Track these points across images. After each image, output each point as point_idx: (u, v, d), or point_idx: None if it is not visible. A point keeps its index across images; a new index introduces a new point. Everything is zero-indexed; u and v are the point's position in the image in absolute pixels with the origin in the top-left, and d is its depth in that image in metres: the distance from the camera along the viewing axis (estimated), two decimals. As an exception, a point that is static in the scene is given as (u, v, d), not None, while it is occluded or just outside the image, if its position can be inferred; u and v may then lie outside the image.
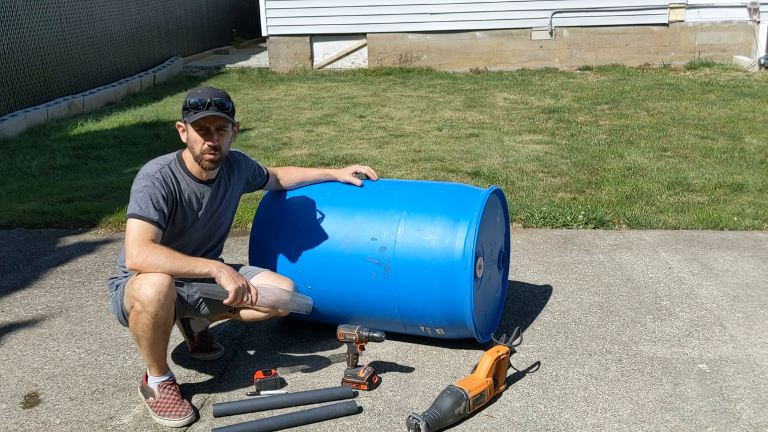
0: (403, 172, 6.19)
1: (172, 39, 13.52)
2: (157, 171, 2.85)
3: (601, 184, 5.78)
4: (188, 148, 2.94)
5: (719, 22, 11.99)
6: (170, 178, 2.87)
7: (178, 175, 2.92)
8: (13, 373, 3.22)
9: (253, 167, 3.27)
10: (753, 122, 7.80)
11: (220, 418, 2.84)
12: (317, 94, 10.42)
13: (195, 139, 2.88)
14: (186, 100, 2.87)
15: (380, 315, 3.25)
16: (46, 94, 9.25)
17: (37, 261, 4.54)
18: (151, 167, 2.88)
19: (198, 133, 2.86)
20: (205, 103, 2.83)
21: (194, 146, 2.89)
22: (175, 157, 2.96)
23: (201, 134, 2.86)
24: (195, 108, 2.84)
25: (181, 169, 2.94)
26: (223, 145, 2.92)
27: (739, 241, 4.65)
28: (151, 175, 2.83)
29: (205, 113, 2.83)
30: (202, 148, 2.88)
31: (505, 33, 12.34)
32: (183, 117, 2.90)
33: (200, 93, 2.87)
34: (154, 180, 2.81)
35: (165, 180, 2.85)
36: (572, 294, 3.93)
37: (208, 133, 2.87)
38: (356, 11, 12.33)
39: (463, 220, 3.11)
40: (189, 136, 2.90)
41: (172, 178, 2.88)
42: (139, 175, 2.85)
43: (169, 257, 2.69)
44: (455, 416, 2.74)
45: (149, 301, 2.65)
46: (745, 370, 3.12)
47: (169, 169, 2.90)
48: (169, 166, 2.91)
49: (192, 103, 2.84)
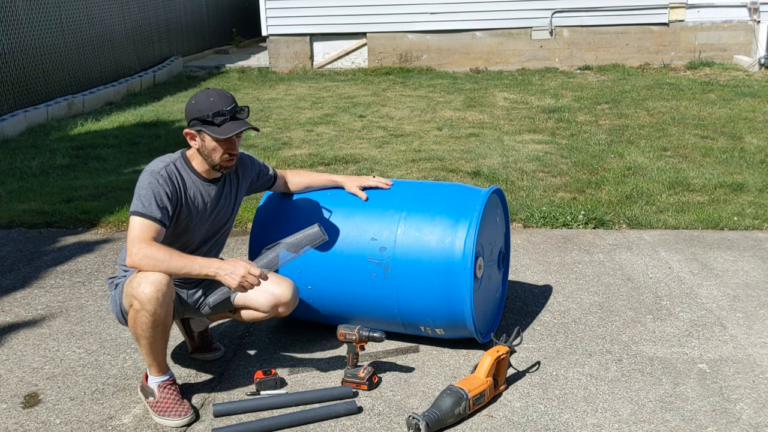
0: (403, 172, 6.19)
1: (172, 39, 13.52)
2: (162, 168, 2.83)
3: (601, 184, 5.78)
4: (200, 154, 2.89)
5: (719, 22, 11.99)
6: (175, 175, 2.85)
7: (184, 173, 2.89)
8: (13, 373, 3.22)
9: (258, 168, 3.25)
10: (753, 122, 7.80)
11: (220, 418, 2.84)
12: (317, 93, 10.42)
13: (214, 148, 2.84)
14: (202, 110, 2.80)
15: (380, 315, 3.25)
16: (46, 93, 9.25)
17: (37, 261, 4.54)
18: (156, 164, 2.85)
19: (219, 143, 2.83)
20: (227, 112, 2.80)
21: (212, 155, 2.85)
22: (180, 156, 2.94)
23: (223, 143, 2.83)
24: (218, 117, 2.79)
25: (187, 168, 2.92)
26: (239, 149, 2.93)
27: (739, 240, 4.65)
28: (156, 173, 2.80)
29: (236, 128, 2.79)
30: (223, 157, 2.86)
31: (505, 33, 12.33)
32: (196, 126, 2.83)
33: (215, 102, 2.81)
34: (158, 177, 2.79)
35: (170, 177, 2.82)
36: (572, 294, 3.93)
37: (231, 141, 2.84)
38: (356, 11, 12.33)
39: (463, 220, 3.11)
40: (206, 145, 2.85)
41: (177, 175, 2.86)
42: (144, 172, 2.83)
43: (168, 256, 2.68)
44: (455, 416, 2.74)
45: (148, 299, 2.65)
46: (745, 370, 3.12)
47: (174, 166, 2.87)
48: (175, 164, 2.88)
49: (214, 114, 2.78)
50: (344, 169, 6.35)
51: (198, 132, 2.84)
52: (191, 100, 2.88)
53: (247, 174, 3.18)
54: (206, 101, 2.82)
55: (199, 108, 2.81)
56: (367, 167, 6.34)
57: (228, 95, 2.86)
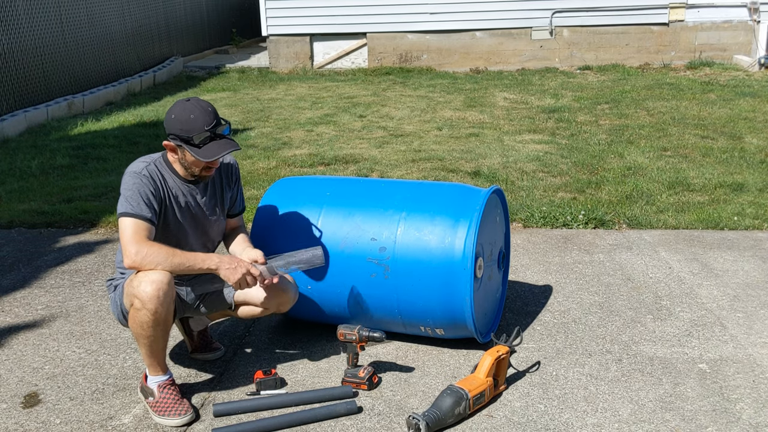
0: (403, 172, 6.19)
1: (172, 39, 13.51)
2: (144, 168, 2.84)
3: (601, 184, 5.78)
4: (179, 162, 2.89)
5: (719, 22, 11.99)
6: (157, 175, 2.86)
7: (165, 173, 2.90)
8: (13, 373, 3.22)
9: (237, 194, 3.17)
10: (753, 122, 7.80)
11: (220, 418, 2.84)
12: (317, 93, 10.41)
13: (194, 162, 2.84)
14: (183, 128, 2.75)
15: (380, 315, 3.25)
16: (46, 94, 9.25)
17: (37, 261, 4.54)
18: (137, 165, 2.86)
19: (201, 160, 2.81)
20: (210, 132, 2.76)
21: (192, 167, 2.86)
22: (159, 156, 2.94)
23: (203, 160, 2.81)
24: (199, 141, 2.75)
25: (168, 169, 2.92)
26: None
27: (739, 240, 4.65)
28: (138, 173, 2.81)
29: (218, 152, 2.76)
30: (203, 170, 2.87)
31: (505, 33, 12.33)
32: (176, 141, 2.80)
33: (196, 119, 2.76)
34: (141, 177, 2.80)
35: (152, 177, 2.83)
36: (572, 294, 3.93)
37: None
38: (356, 11, 12.33)
39: (463, 220, 3.11)
40: (186, 158, 2.84)
41: (159, 175, 2.87)
42: (127, 173, 2.83)
43: (168, 254, 2.69)
44: (455, 416, 2.74)
45: (149, 298, 2.65)
46: (745, 370, 3.12)
47: (155, 166, 2.88)
48: (155, 164, 2.89)
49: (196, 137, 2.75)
50: (344, 169, 6.35)
51: (178, 146, 2.83)
52: (171, 114, 2.82)
53: (230, 189, 3.13)
54: (186, 119, 2.77)
55: (180, 126, 2.78)
56: (367, 167, 6.34)
57: (209, 109, 2.80)
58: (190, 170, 2.89)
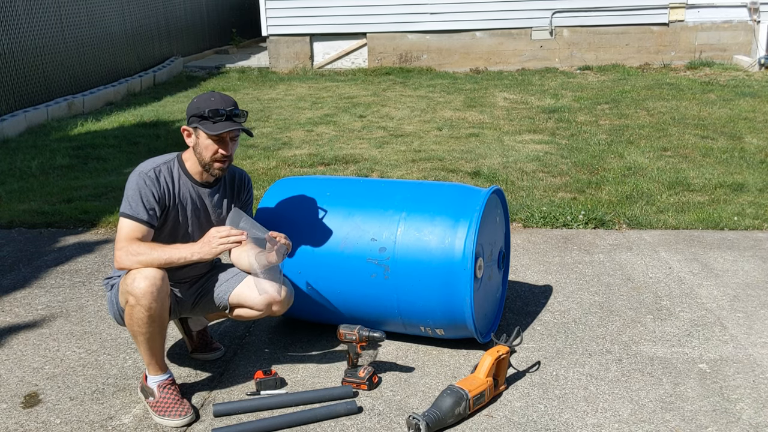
0: (403, 172, 6.19)
1: (172, 39, 13.51)
2: (151, 170, 2.85)
3: (601, 184, 5.78)
4: (194, 153, 2.92)
5: (719, 22, 11.99)
6: (164, 176, 2.87)
7: (176, 175, 2.91)
8: (13, 373, 3.22)
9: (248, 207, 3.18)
10: (753, 122, 7.80)
11: (220, 418, 2.84)
12: (317, 93, 10.41)
13: (207, 146, 2.85)
14: (200, 107, 2.84)
15: (380, 315, 3.25)
16: (46, 94, 9.25)
17: (37, 261, 4.54)
18: (145, 165, 2.88)
19: (212, 140, 2.84)
20: (225, 112, 2.82)
21: (204, 152, 2.87)
22: (174, 157, 2.96)
23: (215, 142, 2.84)
24: (214, 117, 2.81)
25: (181, 170, 2.93)
26: (233, 153, 2.93)
27: (739, 240, 4.65)
28: (144, 173, 2.83)
29: (229, 126, 2.82)
30: (214, 156, 2.86)
31: (505, 33, 12.33)
32: (194, 123, 2.87)
33: (216, 101, 2.85)
34: (145, 178, 2.82)
35: (158, 178, 2.84)
36: (572, 294, 3.93)
37: (223, 141, 2.86)
38: (356, 11, 12.33)
39: (463, 221, 3.11)
40: (199, 142, 2.87)
41: (167, 177, 2.88)
42: (134, 172, 2.86)
43: (149, 249, 2.73)
44: (455, 416, 2.74)
45: (143, 293, 2.66)
46: (745, 370, 3.12)
47: (166, 167, 2.89)
48: (168, 165, 2.90)
49: (211, 111, 2.81)
50: (344, 169, 6.35)
51: (194, 129, 2.88)
52: (193, 99, 2.93)
53: (241, 197, 3.14)
54: (207, 100, 2.86)
55: (199, 105, 2.86)
56: (367, 167, 6.34)
57: (230, 99, 2.90)
58: (202, 158, 2.88)
